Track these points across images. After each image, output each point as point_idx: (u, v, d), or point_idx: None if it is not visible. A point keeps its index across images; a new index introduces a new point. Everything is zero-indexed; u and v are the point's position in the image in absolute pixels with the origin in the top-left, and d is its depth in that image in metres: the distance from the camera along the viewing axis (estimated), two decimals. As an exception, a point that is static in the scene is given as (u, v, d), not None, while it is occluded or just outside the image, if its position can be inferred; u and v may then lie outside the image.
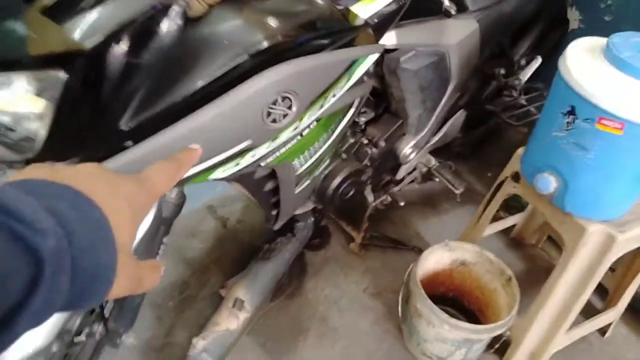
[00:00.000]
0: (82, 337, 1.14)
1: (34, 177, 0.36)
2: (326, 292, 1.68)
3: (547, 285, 1.40)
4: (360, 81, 1.07)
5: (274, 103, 0.75)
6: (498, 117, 1.69)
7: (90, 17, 0.59)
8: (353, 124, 1.37)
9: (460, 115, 1.58)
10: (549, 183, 1.23)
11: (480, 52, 1.41)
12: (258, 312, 1.55)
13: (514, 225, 1.86)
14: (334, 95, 0.89)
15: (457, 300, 1.64)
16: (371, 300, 1.67)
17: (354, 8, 0.92)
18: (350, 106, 1.04)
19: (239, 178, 0.96)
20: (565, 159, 1.19)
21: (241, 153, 0.80)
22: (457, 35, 1.30)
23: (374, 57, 0.94)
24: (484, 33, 1.37)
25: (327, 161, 1.14)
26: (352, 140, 1.34)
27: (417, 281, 1.40)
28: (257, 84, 0.71)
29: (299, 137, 0.91)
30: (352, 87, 1.01)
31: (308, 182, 1.11)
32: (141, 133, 0.69)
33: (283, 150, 0.89)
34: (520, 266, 1.82)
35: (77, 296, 0.33)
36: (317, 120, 0.92)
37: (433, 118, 1.45)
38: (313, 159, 1.02)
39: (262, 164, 0.88)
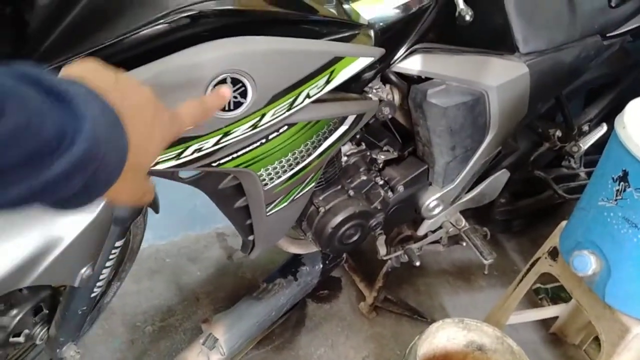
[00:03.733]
0: (21, 339, 1.02)
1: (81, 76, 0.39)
2: (320, 352, 1.47)
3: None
4: (359, 95, 0.93)
5: (223, 82, 0.62)
6: (549, 186, 1.47)
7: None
8: (370, 160, 1.21)
9: (501, 176, 1.38)
10: (587, 263, 1.00)
11: (529, 103, 1.22)
12: (235, 357, 1.37)
13: (556, 318, 1.59)
14: (308, 96, 0.75)
15: (471, 392, 1.37)
16: (369, 372, 1.44)
17: (356, 5, 0.79)
18: (341, 122, 0.89)
19: (199, 182, 0.83)
20: (611, 236, 0.96)
21: (182, 142, 0.67)
22: (500, 76, 1.13)
23: (365, 61, 0.80)
24: (536, 81, 1.18)
25: (311, 185, 0.98)
26: (364, 178, 1.19)
27: (416, 358, 1.18)
28: (198, 53, 0.59)
29: (262, 140, 0.77)
30: (346, 98, 0.87)
31: (285, 204, 0.95)
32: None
33: (241, 152, 0.76)
34: (557, 367, 1.53)
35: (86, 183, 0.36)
36: (289, 125, 0.78)
37: (465, 170, 1.26)
38: (286, 175, 0.87)
39: (214, 164, 0.74)
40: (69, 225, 0.82)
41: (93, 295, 0.98)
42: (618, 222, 0.94)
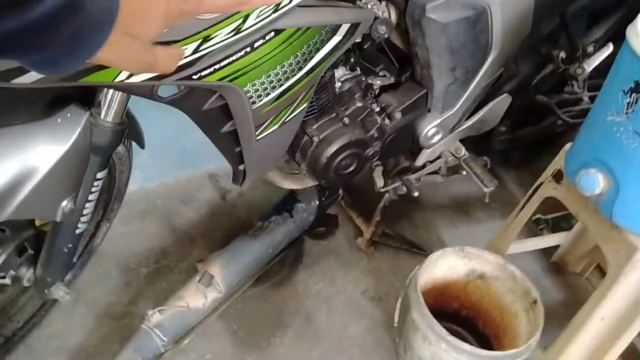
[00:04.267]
0: (7, 280, 0.98)
1: None
2: (319, 287, 1.45)
3: (579, 317, 1.12)
4: (357, 4, 0.86)
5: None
6: (553, 112, 1.42)
7: None
8: (365, 86, 1.15)
9: (503, 100, 1.31)
10: (595, 182, 0.96)
11: (534, 21, 1.15)
12: (233, 294, 1.35)
13: (557, 248, 1.57)
14: None
15: (471, 320, 1.36)
16: (369, 305, 1.43)
17: None
18: (334, 32, 0.82)
19: (181, 101, 0.76)
20: (620, 152, 0.91)
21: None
22: (504, -11, 1.05)
23: None
24: (543, -4, 1.11)
25: (302, 107, 0.92)
26: (360, 105, 1.12)
27: (417, 287, 1.15)
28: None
29: (247, 49, 0.70)
30: (339, 5, 0.80)
31: (275, 128, 0.89)
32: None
33: (224, 63, 0.69)
34: (557, 296, 1.52)
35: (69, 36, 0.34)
36: (276, 32, 0.71)
37: (466, 94, 1.19)
38: (276, 92, 0.81)
39: (195, 77, 0.68)
40: (44, 155, 0.77)
41: (78, 231, 0.93)
42: (628, 136, 0.89)
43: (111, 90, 0.79)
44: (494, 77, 1.22)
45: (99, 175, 0.87)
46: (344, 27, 0.83)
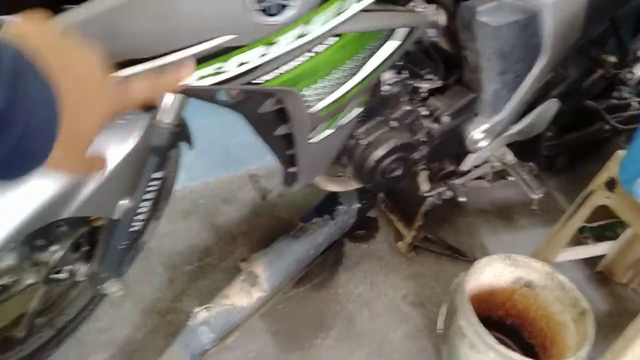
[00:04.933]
0: (62, 275, 1.01)
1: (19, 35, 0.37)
2: (359, 290, 1.45)
3: (631, 329, 1.09)
4: (410, 8, 0.85)
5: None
6: (601, 118, 1.39)
7: None
8: (413, 90, 1.15)
9: (551, 105, 1.29)
10: (654, 190, 0.94)
11: (585, 24, 1.13)
12: (276, 294, 1.36)
13: (602, 257, 1.53)
14: (357, 0, 0.69)
15: (517, 329, 1.34)
16: (410, 310, 1.42)
17: None
18: (388, 36, 0.82)
19: (239, 105, 0.78)
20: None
21: (223, 53, 0.62)
22: (557, -10, 1.04)
23: None
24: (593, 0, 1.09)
25: (357, 111, 0.93)
26: (407, 108, 1.12)
27: (465, 294, 1.14)
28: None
29: (309, 54, 0.71)
30: (395, 10, 0.80)
31: (329, 132, 0.90)
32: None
33: (286, 67, 0.70)
34: (603, 306, 1.48)
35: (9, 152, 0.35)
36: (337, 36, 0.72)
37: (514, 99, 1.18)
38: (333, 97, 0.81)
39: (257, 81, 0.69)
40: (108, 156, 0.79)
41: (132, 229, 0.95)
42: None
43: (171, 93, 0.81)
44: (544, 81, 1.20)
45: (156, 175, 0.89)
46: (400, 32, 0.83)
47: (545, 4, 1.03)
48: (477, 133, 1.22)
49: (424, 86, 1.15)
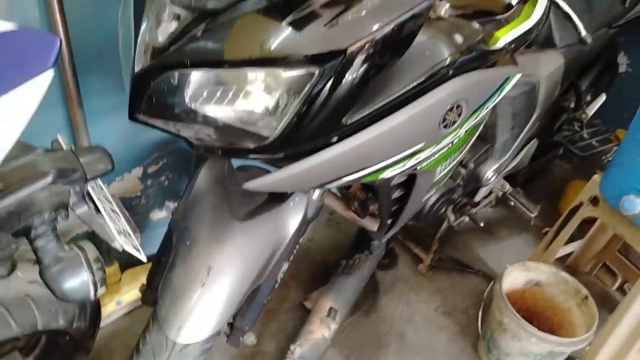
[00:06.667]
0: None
1: None
2: (400, 310, 1.74)
3: (623, 304, 1.48)
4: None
5: (450, 110, 0.85)
6: (564, 148, 1.81)
7: (352, 19, 0.69)
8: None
9: (533, 144, 1.70)
10: (636, 204, 1.34)
11: (561, 86, 1.54)
12: (343, 324, 1.61)
13: (571, 254, 1.96)
14: (487, 108, 1.00)
15: (527, 320, 1.70)
16: (443, 319, 1.73)
17: (499, 33, 1.03)
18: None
19: (380, 182, 1.04)
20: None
21: (411, 155, 0.89)
22: (547, 68, 1.43)
23: (517, 77, 1.05)
24: (567, 68, 1.50)
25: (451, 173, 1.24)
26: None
27: (503, 296, 1.47)
28: (444, 90, 0.81)
29: (450, 144, 1.00)
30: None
31: (433, 192, 1.20)
32: (349, 130, 0.78)
33: (436, 156, 0.99)
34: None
35: None
36: (466, 130, 1.02)
37: (515, 144, 1.55)
38: (448, 168, 1.12)
39: (419, 167, 0.97)
40: (287, 230, 1.02)
41: (276, 285, 1.17)
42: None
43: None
44: (534, 128, 1.59)
45: (300, 240, 1.12)
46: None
47: (541, 77, 1.41)
48: (490, 172, 1.58)
49: (454, 142, 1.48)
